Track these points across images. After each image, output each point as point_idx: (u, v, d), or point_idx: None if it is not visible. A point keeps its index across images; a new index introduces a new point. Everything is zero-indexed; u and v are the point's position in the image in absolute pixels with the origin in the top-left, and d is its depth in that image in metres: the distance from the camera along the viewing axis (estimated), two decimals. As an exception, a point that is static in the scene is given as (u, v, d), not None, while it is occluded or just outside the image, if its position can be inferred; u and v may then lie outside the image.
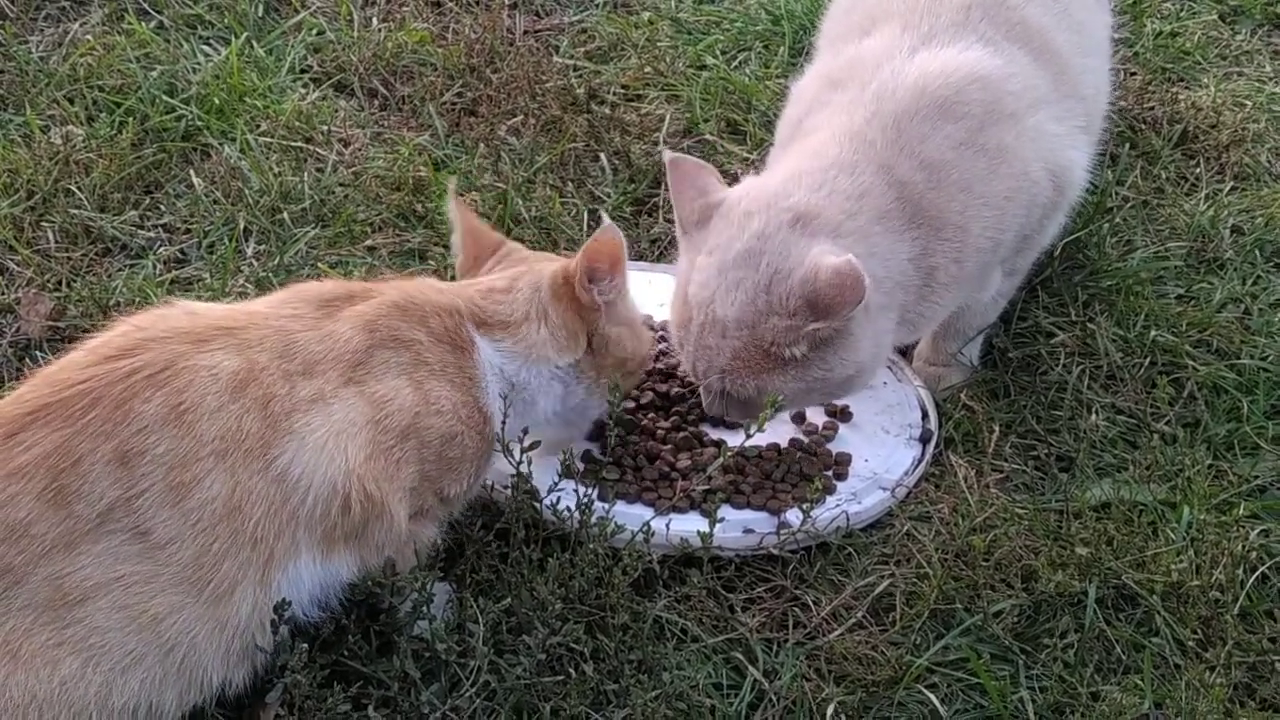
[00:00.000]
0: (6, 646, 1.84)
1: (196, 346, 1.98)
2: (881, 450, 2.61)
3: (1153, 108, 3.47)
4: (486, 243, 2.40)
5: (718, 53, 3.64)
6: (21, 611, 1.85)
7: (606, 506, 2.29)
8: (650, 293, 2.87)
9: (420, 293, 2.19)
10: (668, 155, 2.54)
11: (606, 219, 2.27)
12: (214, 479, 1.92)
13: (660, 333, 2.78)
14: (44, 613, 1.86)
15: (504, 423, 2.19)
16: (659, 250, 3.05)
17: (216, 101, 3.34)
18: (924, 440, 2.63)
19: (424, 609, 2.11)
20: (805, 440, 2.61)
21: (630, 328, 2.38)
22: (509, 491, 2.28)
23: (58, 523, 1.87)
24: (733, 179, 2.86)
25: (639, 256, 3.02)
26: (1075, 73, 2.68)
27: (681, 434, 2.55)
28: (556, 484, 2.28)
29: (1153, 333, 2.82)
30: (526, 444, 2.25)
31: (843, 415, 2.68)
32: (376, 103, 3.48)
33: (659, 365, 2.69)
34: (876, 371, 2.54)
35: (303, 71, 3.55)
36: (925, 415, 2.68)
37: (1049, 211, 2.64)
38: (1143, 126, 3.41)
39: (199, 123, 3.30)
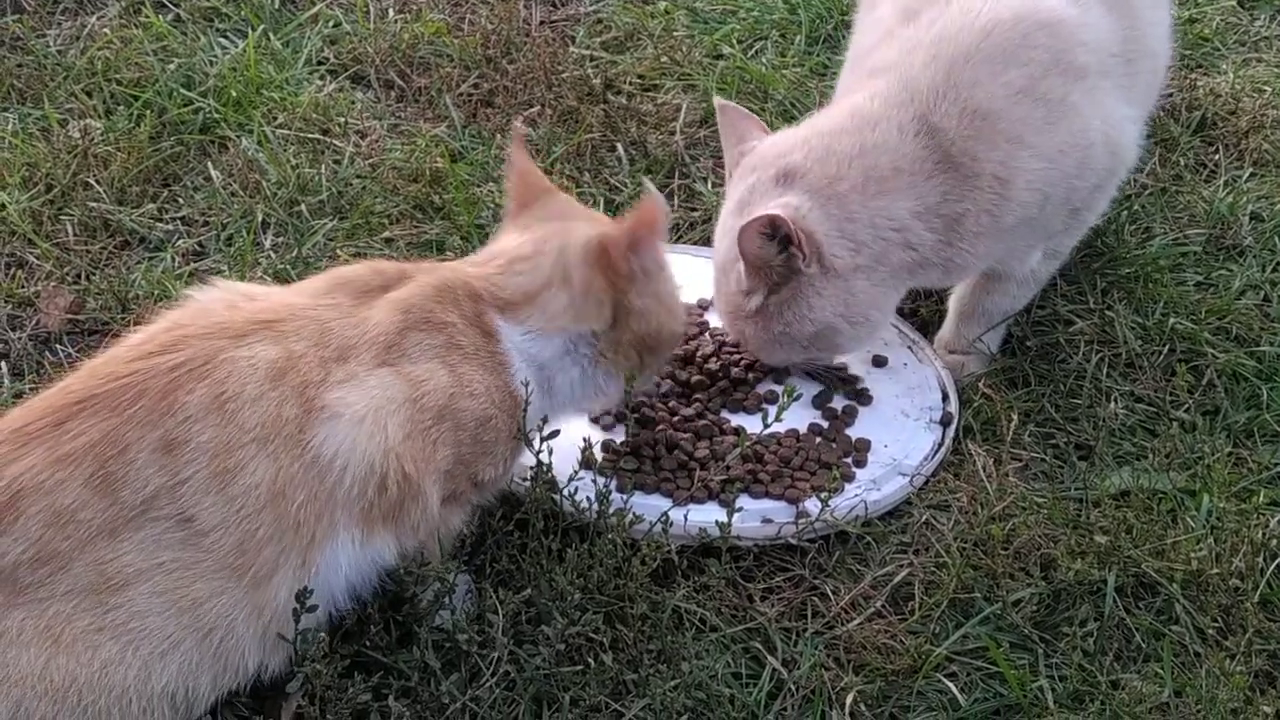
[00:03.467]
0: (49, 631, 1.86)
1: (235, 341, 2.00)
2: (901, 435, 2.61)
3: (1171, 94, 3.45)
4: (535, 188, 2.36)
5: (734, 42, 3.64)
6: (65, 596, 1.87)
7: (625, 497, 2.29)
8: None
9: (455, 275, 2.19)
10: (717, 101, 2.66)
11: (651, 187, 2.25)
12: (256, 465, 1.93)
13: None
14: (87, 597, 1.88)
15: (525, 409, 2.19)
16: (677, 236, 3.05)
17: (234, 94, 3.35)
18: (944, 423, 2.63)
19: (445, 600, 2.12)
20: (824, 426, 2.60)
21: (661, 301, 2.31)
22: (528, 483, 2.28)
23: (103, 509, 1.88)
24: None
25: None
26: (1146, 25, 2.67)
27: (702, 422, 2.55)
28: (576, 474, 2.28)
29: (1172, 320, 2.81)
30: (546, 433, 2.25)
31: (862, 398, 2.68)
32: (393, 94, 3.48)
33: (676, 351, 2.68)
34: (863, 334, 2.57)
35: (319, 63, 3.55)
36: (945, 397, 2.68)
37: (1103, 181, 2.62)
38: (1161, 113, 3.40)
39: (216, 115, 3.31)
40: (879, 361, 2.75)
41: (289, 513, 1.95)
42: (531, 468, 2.26)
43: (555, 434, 2.26)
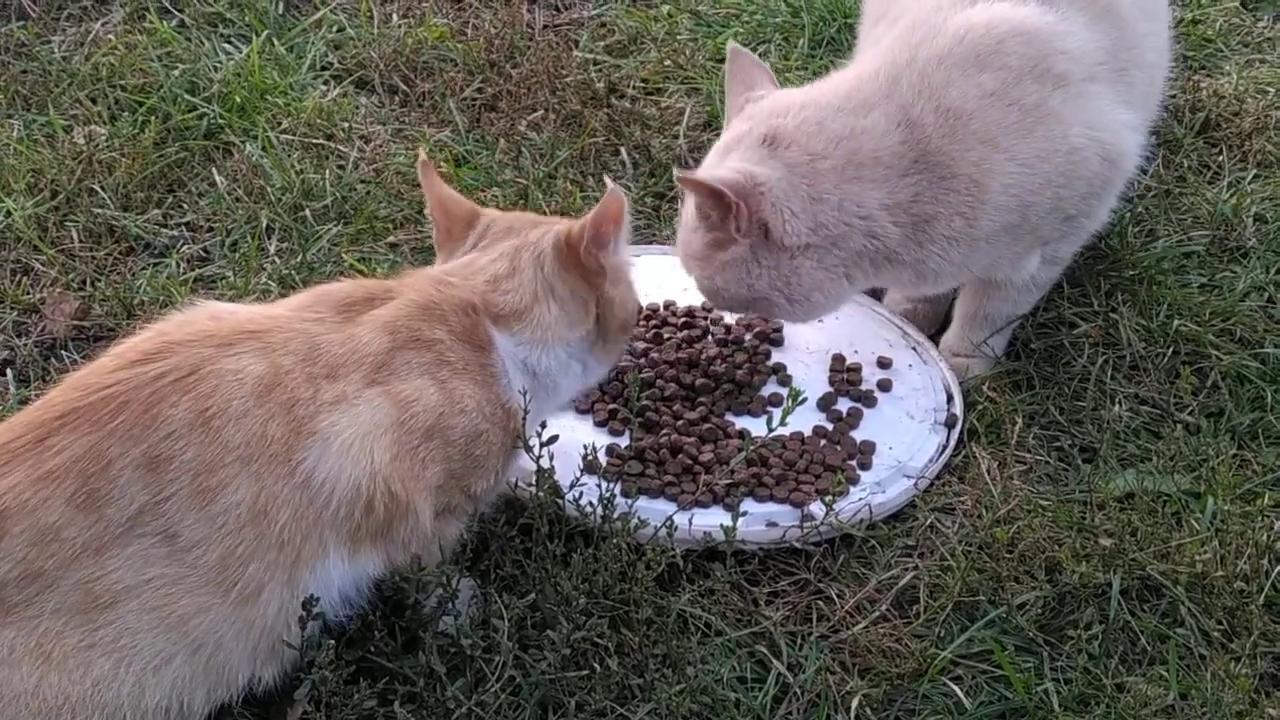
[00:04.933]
0: (40, 649, 1.86)
1: (221, 350, 1.98)
2: (906, 437, 2.61)
3: (1174, 96, 3.45)
4: (459, 214, 2.36)
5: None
6: (54, 615, 1.87)
7: (629, 502, 2.29)
8: (673, 276, 2.87)
9: (439, 292, 2.19)
10: (731, 45, 2.68)
11: (610, 183, 2.27)
12: (239, 483, 1.93)
13: (683, 319, 2.79)
14: (75, 615, 1.87)
15: (524, 417, 2.20)
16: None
17: (238, 99, 3.35)
18: (949, 425, 2.63)
19: (449, 605, 2.12)
20: (829, 428, 2.61)
21: (626, 286, 2.39)
22: (532, 488, 2.28)
23: (88, 527, 1.88)
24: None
25: (660, 249, 3.03)
26: (1137, 37, 2.67)
27: (706, 425, 2.55)
28: (578, 479, 2.29)
29: (1175, 322, 2.81)
30: (545, 437, 2.25)
31: (867, 400, 2.68)
32: (397, 99, 3.49)
33: (681, 355, 2.69)
34: (803, 313, 2.58)
35: (323, 68, 3.56)
36: (950, 399, 2.68)
37: (1096, 189, 2.61)
38: (1164, 115, 3.39)
39: (221, 121, 3.31)
40: (884, 363, 2.75)
41: (272, 531, 1.94)
42: (534, 473, 2.27)
43: (554, 439, 2.26)
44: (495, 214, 2.38)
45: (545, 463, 2.25)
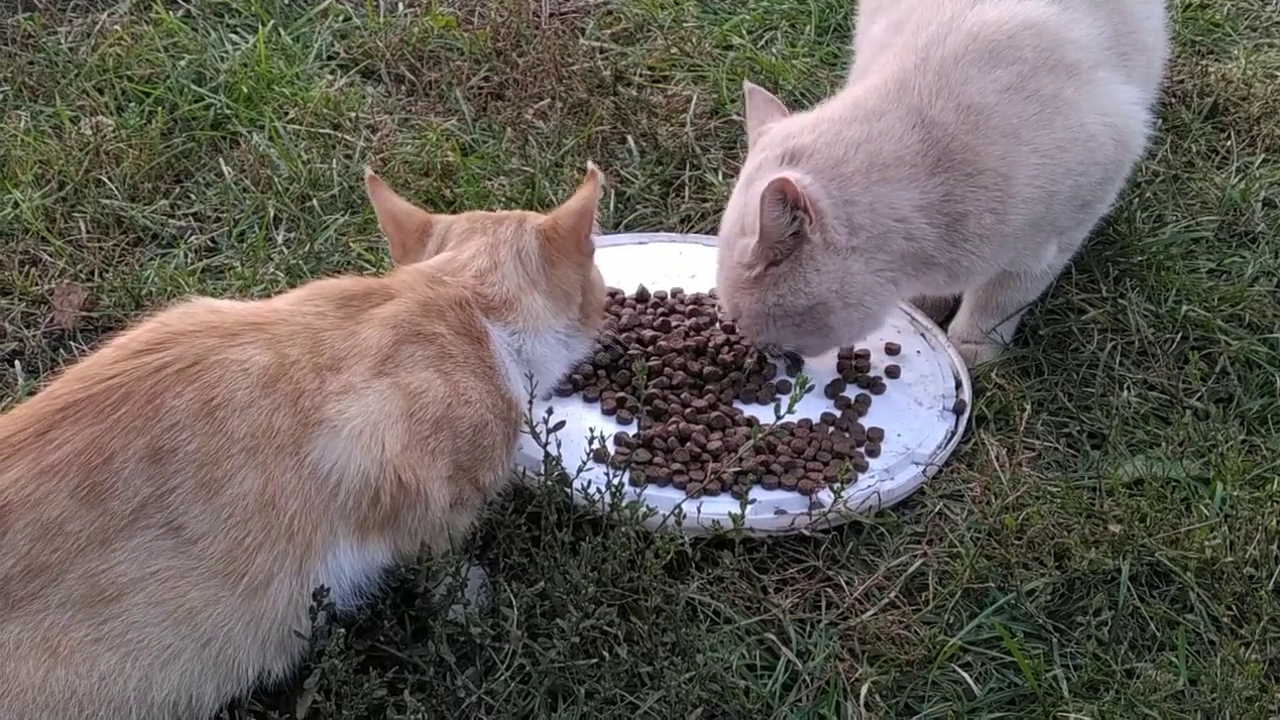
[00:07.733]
0: (46, 643, 1.85)
1: (226, 340, 1.98)
2: (914, 424, 2.61)
3: (1182, 81, 3.45)
4: (410, 226, 2.38)
5: (744, 32, 3.64)
6: (59, 608, 1.86)
7: (638, 490, 2.29)
8: (681, 263, 2.87)
9: (433, 290, 2.19)
10: (747, 85, 2.71)
11: (591, 164, 2.29)
12: (246, 474, 1.92)
13: (690, 306, 2.79)
14: (81, 609, 1.86)
15: (530, 403, 2.20)
16: (687, 229, 3.05)
17: (244, 90, 3.35)
18: (958, 411, 2.63)
19: (458, 594, 2.12)
20: (838, 415, 2.60)
21: (597, 269, 2.44)
22: (540, 476, 2.29)
23: (91, 520, 1.87)
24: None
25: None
26: (1138, 20, 2.69)
27: (714, 413, 2.55)
28: (584, 464, 2.29)
29: (1184, 308, 2.81)
30: (553, 424, 2.26)
31: (875, 387, 2.68)
32: (403, 88, 3.49)
33: (689, 343, 2.69)
34: (856, 319, 2.56)
35: (330, 58, 3.56)
36: (959, 385, 2.68)
37: (1109, 173, 2.63)
38: (1172, 100, 3.39)
39: (227, 111, 3.32)
40: (892, 349, 2.75)
41: (281, 521, 1.94)
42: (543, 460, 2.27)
43: (560, 425, 2.26)
44: (448, 218, 2.40)
45: (553, 450, 2.25)
